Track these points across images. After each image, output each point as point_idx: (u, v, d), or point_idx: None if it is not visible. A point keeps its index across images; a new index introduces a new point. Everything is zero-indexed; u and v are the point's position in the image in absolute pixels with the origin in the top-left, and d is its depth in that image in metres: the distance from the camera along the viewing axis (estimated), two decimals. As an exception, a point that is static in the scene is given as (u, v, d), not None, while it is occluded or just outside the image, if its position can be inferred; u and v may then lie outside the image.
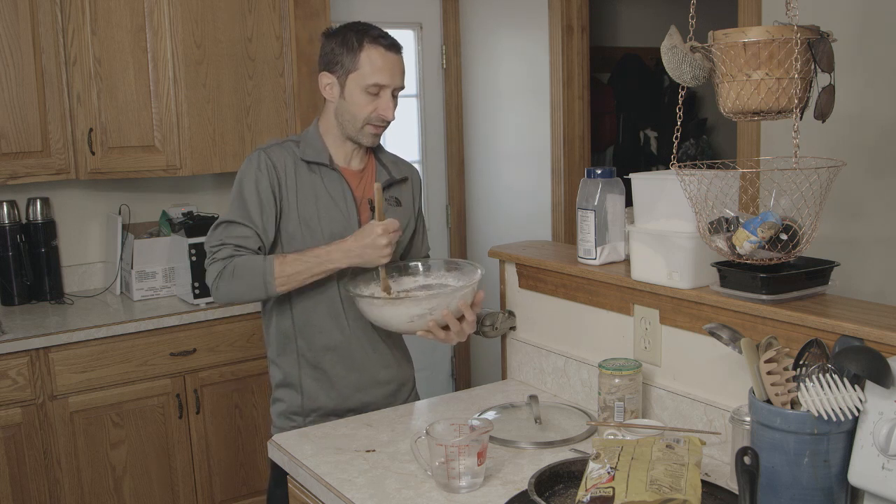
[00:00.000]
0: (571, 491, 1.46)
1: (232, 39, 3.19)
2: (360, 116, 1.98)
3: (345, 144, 2.05)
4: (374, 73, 1.95)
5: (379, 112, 1.97)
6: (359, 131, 2.00)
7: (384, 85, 1.96)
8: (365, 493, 1.56)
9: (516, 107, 3.91)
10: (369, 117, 1.98)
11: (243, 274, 1.91)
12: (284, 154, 2.01)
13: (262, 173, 1.98)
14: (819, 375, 1.29)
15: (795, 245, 1.52)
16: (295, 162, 2.01)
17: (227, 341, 3.08)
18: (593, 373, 1.95)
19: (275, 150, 2.02)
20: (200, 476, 3.09)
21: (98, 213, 3.45)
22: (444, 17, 4.14)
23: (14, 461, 2.76)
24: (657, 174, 1.82)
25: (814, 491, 1.30)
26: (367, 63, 1.95)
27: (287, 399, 2.09)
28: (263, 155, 2.00)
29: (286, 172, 1.99)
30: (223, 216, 2.00)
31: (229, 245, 1.95)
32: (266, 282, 1.90)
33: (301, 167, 2.01)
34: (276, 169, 1.98)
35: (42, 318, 3.00)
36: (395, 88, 1.99)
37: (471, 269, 2.01)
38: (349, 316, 2.03)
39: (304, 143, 2.04)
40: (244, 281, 1.91)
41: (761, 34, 1.45)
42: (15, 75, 2.96)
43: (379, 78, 1.95)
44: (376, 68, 1.95)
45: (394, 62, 1.98)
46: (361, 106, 1.97)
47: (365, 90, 1.96)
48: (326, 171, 2.02)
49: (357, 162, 2.08)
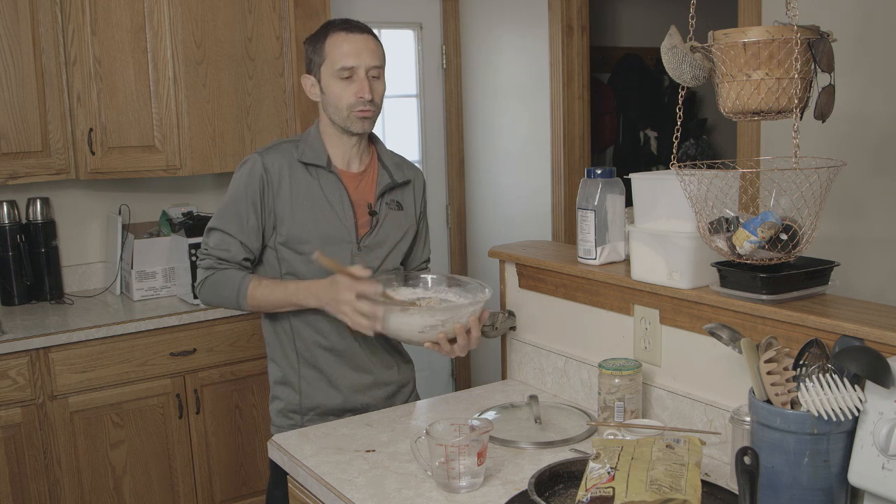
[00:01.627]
0: (571, 491, 1.46)
1: (232, 39, 3.19)
2: (342, 105, 1.96)
3: (343, 144, 2.03)
4: (340, 57, 1.94)
5: (357, 94, 1.94)
6: (346, 120, 1.98)
7: (352, 66, 1.94)
8: (365, 493, 1.56)
9: (516, 107, 3.91)
10: (350, 103, 1.95)
11: (220, 288, 1.99)
12: (281, 157, 2.00)
13: (253, 181, 1.98)
14: (819, 375, 1.29)
15: (795, 245, 1.52)
16: (291, 165, 2.00)
17: (227, 341, 3.08)
18: (593, 373, 1.95)
19: (271, 153, 2.01)
20: (200, 476, 3.09)
21: (98, 213, 3.45)
22: (444, 17, 4.14)
23: (14, 461, 2.76)
24: (657, 174, 1.81)
25: (814, 491, 1.30)
26: (332, 49, 1.95)
27: (285, 397, 2.09)
28: (258, 160, 1.99)
29: (280, 177, 1.98)
30: (213, 220, 2.02)
31: (212, 257, 2.00)
32: (238, 299, 1.97)
33: (298, 169, 2.00)
34: (268, 174, 1.98)
35: (42, 318, 3.00)
36: (368, 68, 1.95)
37: (476, 287, 1.97)
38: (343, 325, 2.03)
39: (303, 143, 2.04)
40: (221, 294, 1.99)
41: (761, 34, 1.45)
42: (15, 75, 2.96)
43: (345, 61, 1.93)
44: (342, 53, 1.94)
45: (358, 42, 1.95)
46: (339, 94, 1.96)
47: (337, 77, 1.95)
48: (324, 174, 2.01)
49: (357, 164, 2.06)
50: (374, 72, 1.96)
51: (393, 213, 2.08)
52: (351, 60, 1.94)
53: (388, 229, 2.07)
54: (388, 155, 2.14)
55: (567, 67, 3.63)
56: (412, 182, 2.14)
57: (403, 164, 2.15)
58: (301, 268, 2.00)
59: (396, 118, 4.13)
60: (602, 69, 4.98)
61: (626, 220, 1.95)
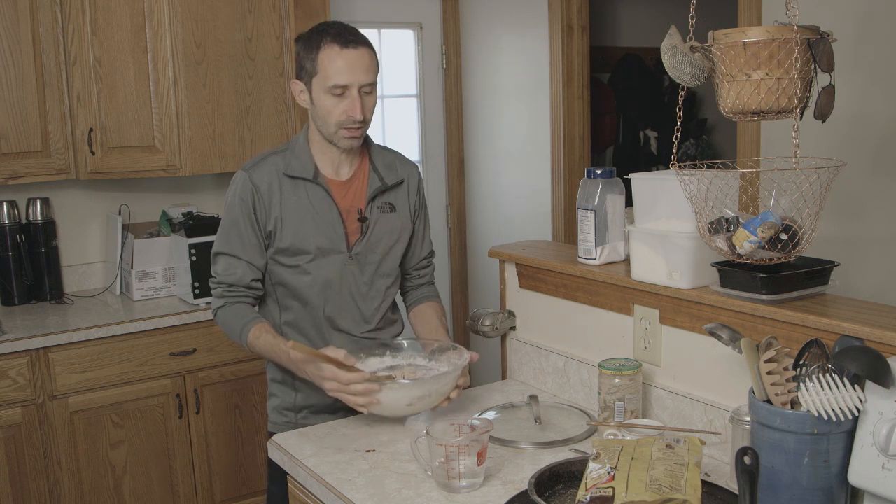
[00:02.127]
0: (571, 491, 1.46)
1: (232, 39, 3.19)
2: (331, 121, 1.92)
3: (331, 152, 2.00)
4: (333, 74, 1.88)
5: (348, 113, 1.91)
6: (333, 135, 1.95)
7: (345, 85, 1.88)
8: (365, 493, 1.56)
9: (516, 107, 3.91)
10: (340, 121, 1.91)
11: (227, 326, 2.01)
12: (268, 172, 1.98)
13: (245, 199, 1.97)
14: (819, 375, 1.29)
15: (795, 245, 1.52)
16: (280, 178, 1.98)
17: (227, 341, 3.08)
18: (593, 373, 1.95)
19: (258, 169, 1.99)
20: (200, 476, 3.09)
21: (98, 213, 3.45)
22: (444, 17, 4.14)
23: (14, 461, 2.76)
24: (657, 174, 1.81)
25: (814, 491, 1.30)
26: (326, 64, 1.89)
27: (281, 394, 2.09)
28: (247, 178, 1.98)
29: (270, 193, 1.97)
30: (216, 245, 2.02)
31: (222, 285, 2.01)
32: (241, 341, 1.98)
33: (286, 183, 1.98)
34: (258, 192, 1.96)
35: (42, 318, 3.00)
36: (361, 86, 1.90)
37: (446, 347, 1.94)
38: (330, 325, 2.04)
39: (290, 154, 2.01)
40: (229, 330, 2.01)
41: (761, 34, 1.45)
42: (15, 75, 2.96)
43: (338, 78, 1.88)
44: (335, 69, 1.88)
45: (353, 59, 1.89)
46: (329, 110, 1.91)
47: (329, 92, 1.89)
48: (311, 186, 1.99)
49: (346, 170, 2.03)
50: (366, 88, 1.92)
51: (385, 217, 2.05)
52: (344, 79, 1.88)
53: (380, 234, 2.05)
54: (379, 155, 2.09)
55: (567, 67, 3.63)
56: (405, 181, 2.11)
57: (396, 163, 2.11)
58: (290, 279, 2.00)
59: (396, 118, 4.13)
60: (602, 69, 4.98)
61: (626, 220, 1.95)
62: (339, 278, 2.01)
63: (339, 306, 2.03)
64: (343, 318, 2.04)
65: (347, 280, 2.02)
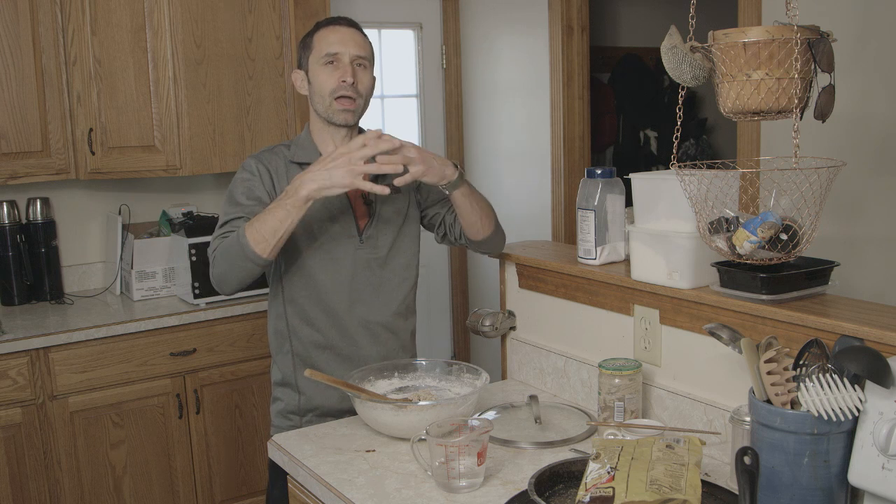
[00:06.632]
0: (571, 491, 1.46)
1: (232, 39, 3.19)
2: (325, 91, 1.98)
3: (333, 137, 2.04)
4: (325, 45, 1.98)
5: (340, 79, 1.96)
6: (329, 109, 1.99)
7: (336, 52, 1.97)
8: (365, 493, 1.56)
9: (516, 107, 3.91)
10: (333, 88, 1.97)
11: (225, 251, 1.89)
12: (276, 159, 2.04)
13: (255, 178, 1.99)
14: (819, 375, 1.29)
15: (795, 245, 1.52)
16: (287, 165, 2.03)
17: (227, 341, 3.08)
18: (593, 373, 1.95)
19: (266, 155, 2.05)
20: (200, 476, 3.09)
21: (98, 213, 3.45)
22: (444, 17, 4.14)
23: (14, 461, 2.76)
24: (657, 174, 1.81)
25: (814, 491, 1.30)
26: (319, 41, 2.00)
27: (285, 398, 2.09)
28: (257, 160, 2.03)
29: (279, 176, 2.01)
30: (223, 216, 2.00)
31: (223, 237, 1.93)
32: (244, 249, 1.84)
33: (293, 170, 2.01)
34: (269, 173, 2.01)
35: (42, 318, 3.00)
36: (353, 57, 1.98)
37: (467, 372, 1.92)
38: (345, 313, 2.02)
39: (294, 145, 2.06)
40: (226, 257, 1.88)
41: (761, 34, 1.44)
42: (15, 75, 2.96)
43: (329, 48, 1.97)
44: (327, 42, 1.99)
45: (344, 33, 2.00)
46: (324, 80, 1.98)
47: (322, 64, 1.98)
48: None
49: None
50: (359, 61, 1.99)
51: (389, 197, 2.04)
52: (335, 47, 1.98)
53: (388, 214, 2.06)
54: None
55: (567, 67, 3.63)
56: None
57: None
58: (301, 265, 2.00)
59: (396, 118, 4.13)
60: (602, 69, 4.98)
61: (626, 220, 1.95)
62: (352, 263, 2.01)
63: (351, 292, 2.02)
64: (358, 305, 2.03)
65: (360, 265, 2.02)
